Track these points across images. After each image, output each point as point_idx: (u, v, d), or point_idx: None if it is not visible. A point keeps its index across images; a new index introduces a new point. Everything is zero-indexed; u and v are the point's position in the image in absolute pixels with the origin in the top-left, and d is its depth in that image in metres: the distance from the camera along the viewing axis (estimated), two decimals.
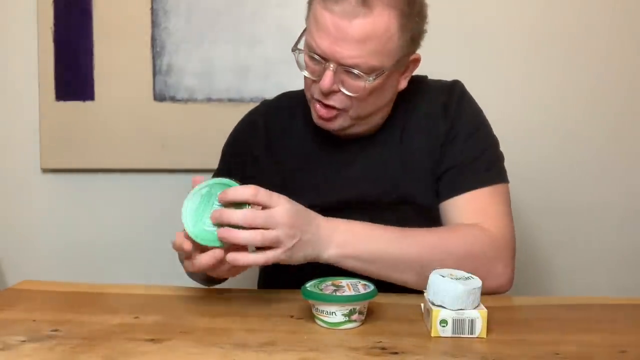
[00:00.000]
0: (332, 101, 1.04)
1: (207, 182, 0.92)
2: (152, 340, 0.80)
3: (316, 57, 1.01)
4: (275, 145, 1.18)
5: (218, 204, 0.90)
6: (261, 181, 1.15)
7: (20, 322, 0.87)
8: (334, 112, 1.05)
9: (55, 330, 0.83)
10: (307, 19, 1.04)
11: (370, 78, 0.99)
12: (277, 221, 0.88)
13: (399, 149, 1.11)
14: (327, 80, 1.00)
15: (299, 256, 0.92)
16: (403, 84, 1.09)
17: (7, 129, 1.77)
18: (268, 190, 0.90)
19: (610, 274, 1.68)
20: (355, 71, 0.99)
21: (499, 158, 1.11)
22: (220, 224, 0.88)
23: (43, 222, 1.79)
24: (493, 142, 1.12)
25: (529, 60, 1.65)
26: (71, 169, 1.76)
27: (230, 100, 1.69)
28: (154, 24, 1.69)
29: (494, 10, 1.64)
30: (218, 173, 1.27)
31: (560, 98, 1.66)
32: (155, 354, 0.75)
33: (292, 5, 1.66)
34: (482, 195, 1.05)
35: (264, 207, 0.89)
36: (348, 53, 0.97)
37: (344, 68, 0.99)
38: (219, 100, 1.69)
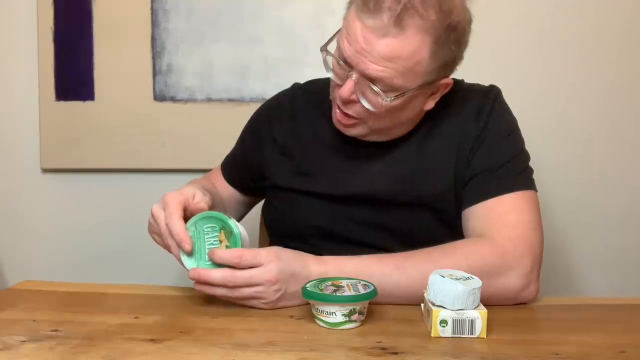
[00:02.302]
0: (350, 110, 1.02)
1: (193, 219, 0.94)
2: (152, 340, 0.80)
3: (341, 62, 0.99)
4: (298, 129, 1.16)
5: (214, 239, 0.93)
6: (277, 164, 1.16)
7: (20, 322, 0.87)
8: (351, 121, 1.03)
9: (55, 330, 0.83)
10: (344, 19, 1.01)
11: (389, 98, 0.97)
12: (260, 279, 0.90)
13: (423, 150, 1.08)
14: (347, 89, 0.98)
15: (283, 304, 0.93)
16: (430, 104, 1.05)
17: (7, 129, 1.77)
18: (254, 250, 0.91)
19: (610, 274, 1.68)
20: (375, 88, 0.96)
21: (527, 167, 1.08)
22: (214, 264, 0.91)
23: (43, 222, 1.79)
24: (523, 151, 1.09)
25: (530, 62, 1.65)
26: (71, 169, 1.76)
27: (230, 100, 1.69)
28: (154, 24, 1.69)
29: (504, 13, 1.64)
30: (234, 153, 1.29)
31: (559, 98, 1.66)
32: (155, 354, 0.75)
33: (292, 5, 1.66)
34: (505, 202, 1.02)
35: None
36: (373, 67, 0.95)
37: (366, 81, 0.97)
38: (219, 100, 1.69)
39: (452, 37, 0.97)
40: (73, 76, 1.71)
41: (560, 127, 1.66)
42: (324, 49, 1.02)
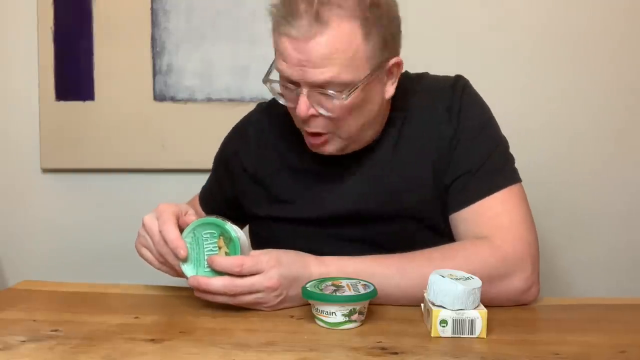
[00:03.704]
0: (315, 127, 0.99)
1: (190, 226, 0.93)
2: (152, 340, 0.80)
3: (288, 85, 0.98)
4: (266, 156, 1.13)
5: (212, 245, 0.92)
6: (252, 194, 1.14)
7: (20, 322, 0.87)
8: (322, 138, 1.01)
9: (55, 330, 0.83)
10: (274, 47, 1.01)
11: (344, 96, 0.94)
12: (261, 286, 0.89)
13: (397, 159, 1.05)
14: (302, 106, 0.95)
15: (285, 306, 0.93)
16: (390, 90, 1.02)
17: (7, 129, 1.77)
18: (254, 257, 0.90)
19: (610, 274, 1.68)
20: (328, 91, 0.94)
21: (508, 158, 1.05)
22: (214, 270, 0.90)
23: (43, 222, 1.79)
24: (500, 141, 1.06)
25: (531, 61, 1.65)
26: (71, 169, 1.76)
27: (230, 100, 1.69)
28: (154, 24, 1.69)
29: (498, 9, 1.64)
30: (209, 185, 1.27)
31: (561, 98, 1.66)
32: (155, 354, 0.75)
33: None
34: (493, 203, 1.00)
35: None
36: (317, 71, 0.93)
37: (316, 90, 0.95)
38: (219, 100, 1.69)
39: (378, 14, 0.94)
40: (73, 76, 1.71)
41: (556, 126, 1.66)
42: (266, 79, 1.01)
